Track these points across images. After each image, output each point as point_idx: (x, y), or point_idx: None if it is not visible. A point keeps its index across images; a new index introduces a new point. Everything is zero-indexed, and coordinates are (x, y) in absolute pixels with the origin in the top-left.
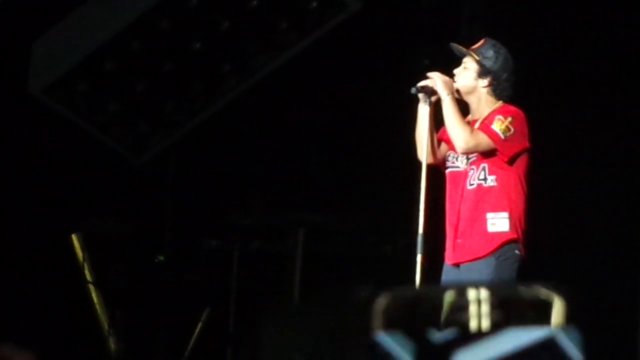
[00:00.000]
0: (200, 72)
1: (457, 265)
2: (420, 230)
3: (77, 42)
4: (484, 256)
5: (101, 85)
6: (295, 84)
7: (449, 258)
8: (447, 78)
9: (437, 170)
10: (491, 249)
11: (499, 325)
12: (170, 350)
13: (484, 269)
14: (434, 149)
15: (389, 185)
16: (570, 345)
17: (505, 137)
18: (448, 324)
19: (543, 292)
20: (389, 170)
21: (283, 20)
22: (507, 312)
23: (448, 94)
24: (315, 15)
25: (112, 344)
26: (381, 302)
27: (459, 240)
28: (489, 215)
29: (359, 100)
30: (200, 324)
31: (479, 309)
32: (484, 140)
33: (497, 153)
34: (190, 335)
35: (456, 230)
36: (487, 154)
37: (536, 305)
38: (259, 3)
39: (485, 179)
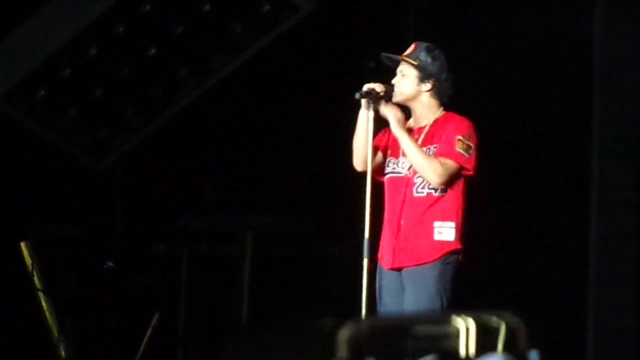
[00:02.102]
0: (157, 77)
1: (397, 269)
2: (366, 234)
3: (34, 49)
4: (429, 262)
5: (59, 92)
6: (243, 86)
7: (387, 262)
8: (398, 114)
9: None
10: (437, 256)
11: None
12: (121, 356)
13: (429, 274)
14: (372, 155)
15: (336, 188)
16: None
17: (469, 154)
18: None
19: (506, 318)
20: (337, 173)
21: (237, 23)
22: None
23: (402, 131)
24: (268, 17)
25: (62, 351)
26: (345, 332)
27: (401, 245)
28: (437, 223)
29: (307, 103)
30: (150, 329)
31: (459, 337)
32: (453, 166)
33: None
34: (141, 340)
35: (397, 235)
36: None
37: (499, 332)
38: (212, 7)
39: (435, 189)
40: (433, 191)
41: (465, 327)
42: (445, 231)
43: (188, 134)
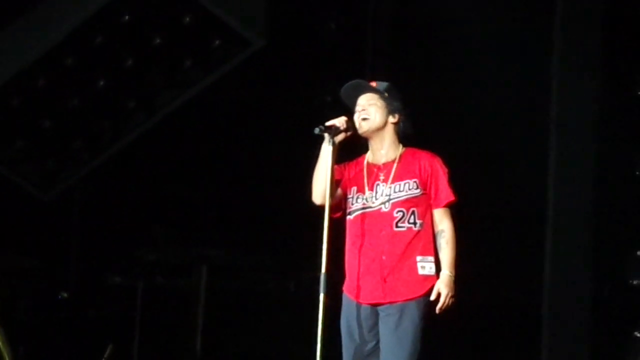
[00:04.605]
0: (106, 109)
1: (374, 305)
2: (323, 269)
3: None
4: (416, 298)
5: (7, 122)
6: (198, 120)
7: (366, 297)
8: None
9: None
10: (422, 292)
11: None
12: None
13: (415, 310)
14: (332, 190)
15: (292, 222)
16: None
17: (452, 190)
18: None
19: None
20: (292, 208)
21: (187, 57)
22: None
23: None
24: (219, 52)
25: None
26: None
27: (386, 280)
28: (419, 258)
29: (264, 137)
30: None
31: None
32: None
33: (429, 199)
34: None
35: (381, 270)
36: (415, 200)
37: None
38: (162, 41)
39: (415, 223)
40: (412, 225)
41: None
42: (427, 265)
43: (143, 166)
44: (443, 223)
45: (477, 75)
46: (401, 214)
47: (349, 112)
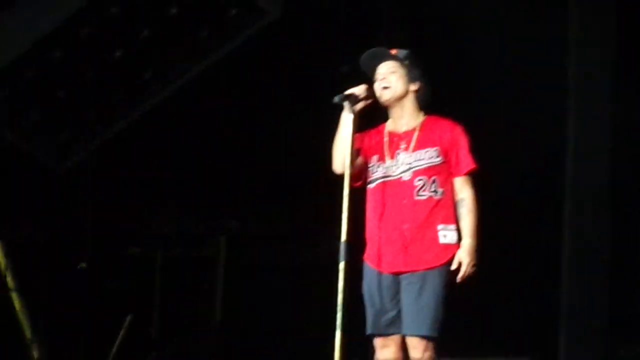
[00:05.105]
0: (122, 80)
1: (396, 274)
2: (343, 237)
3: None
4: (437, 267)
5: (22, 94)
6: (216, 90)
7: (388, 266)
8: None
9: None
10: (444, 260)
11: None
12: (93, 357)
13: (437, 279)
14: (352, 159)
15: (311, 192)
16: None
17: (473, 158)
18: None
19: None
20: (311, 177)
21: (203, 27)
22: None
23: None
24: (234, 22)
25: (34, 352)
26: None
27: (408, 249)
28: (440, 227)
29: (282, 107)
30: (123, 331)
31: None
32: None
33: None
34: (113, 341)
35: (402, 239)
36: (436, 168)
37: None
38: (178, 11)
39: (436, 192)
40: (434, 194)
41: None
42: (449, 234)
43: (161, 137)
44: (464, 191)
45: (493, 45)
46: (422, 182)
47: (368, 82)
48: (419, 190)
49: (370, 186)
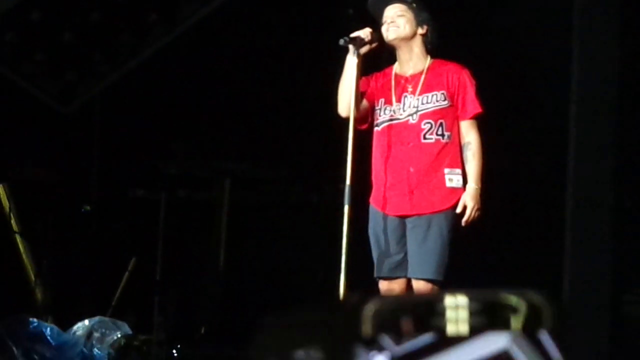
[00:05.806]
0: (127, 22)
1: (403, 216)
2: (348, 180)
3: None
4: (443, 210)
5: (28, 35)
6: (221, 34)
7: (394, 209)
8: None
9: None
10: (450, 204)
11: (477, 330)
12: (97, 300)
13: (443, 222)
14: (357, 102)
15: (315, 134)
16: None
17: (480, 102)
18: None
19: (530, 297)
20: (315, 119)
21: None
22: (490, 318)
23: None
24: None
25: (38, 294)
26: (370, 307)
27: (414, 192)
28: (446, 170)
29: (287, 50)
30: (127, 273)
31: (457, 313)
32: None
33: (458, 111)
34: (117, 284)
35: (408, 182)
36: (443, 112)
37: (516, 311)
38: None
39: (442, 135)
40: (440, 137)
41: (479, 305)
42: (455, 178)
43: (166, 79)
44: (470, 135)
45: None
46: (429, 125)
47: (374, 25)
48: (425, 133)
49: (377, 129)
